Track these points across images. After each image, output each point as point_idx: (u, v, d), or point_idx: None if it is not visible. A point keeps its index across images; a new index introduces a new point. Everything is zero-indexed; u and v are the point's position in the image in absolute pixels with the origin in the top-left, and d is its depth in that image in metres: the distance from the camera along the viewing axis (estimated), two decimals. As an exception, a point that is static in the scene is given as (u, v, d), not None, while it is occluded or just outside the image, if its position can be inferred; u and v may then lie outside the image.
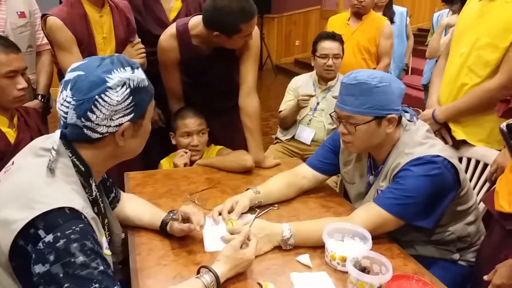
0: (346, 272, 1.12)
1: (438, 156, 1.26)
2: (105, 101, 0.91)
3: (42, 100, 2.09)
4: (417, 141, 1.31)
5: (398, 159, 1.31)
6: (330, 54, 2.40)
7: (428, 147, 1.29)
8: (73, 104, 0.91)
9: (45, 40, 2.08)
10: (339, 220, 1.30)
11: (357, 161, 1.49)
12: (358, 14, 2.83)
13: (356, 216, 1.28)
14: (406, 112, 1.34)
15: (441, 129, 1.83)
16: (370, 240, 1.18)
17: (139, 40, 2.03)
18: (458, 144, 1.79)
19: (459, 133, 1.78)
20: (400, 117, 1.33)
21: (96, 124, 0.92)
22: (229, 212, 1.39)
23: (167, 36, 1.85)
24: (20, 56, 1.54)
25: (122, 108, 0.93)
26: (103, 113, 0.91)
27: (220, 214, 1.39)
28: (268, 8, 7.61)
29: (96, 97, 0.90)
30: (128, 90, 0.93)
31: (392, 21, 3.29)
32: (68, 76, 0.93)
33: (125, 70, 0.94)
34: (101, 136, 0.94)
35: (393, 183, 1.29)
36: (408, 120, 1.35)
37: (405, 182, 1.25)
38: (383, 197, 1.28)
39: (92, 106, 0.90)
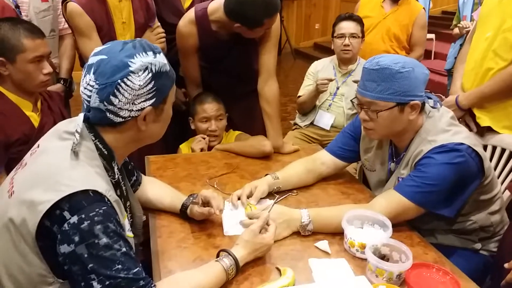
0: (365, 259, 1.12)
1: (462, 144, 1.23)
2: (127, 85, 0.91)
3: (64, 84, 2.13)
4: (440, 128, 1.28)
5: (420, 146, 1.28)
6: (346, 33, 2.36)
7: (452, 134, 1.26)
8: (96, 88, 0.92)
9: (67, 25, 2.10)
10: (359, 207, 1.29)
11: (378, 148, 1.47)
12: None
13: (376, 203, 1.27)
14: (430, 98, 1.31)
15: (465, 115, 1.79)
16: (391, 228, 1.17)
17: (159, 24, 2.02)
18: (483, 131, 1.74)
19: (483, 119, 1.73)
20: (423, 104, 1.30)
21: (119, 108, 0.93)
22: (248, 197, 1.39)
23: (186, 22, 1.83)
24: (45, 41, 1.56)
25: (144, 92, 0.94)
26: (126, 97, 0.92)
27: (239, 198, 1.39)
28: (287, -9, 7.48)
29: (119, 81, 0.91)
30: (150, 74, 0.93)
31: None
32: (91, 60, 0.94)
33: (147, 54, 0.94)
34: (123, 120, 0.95)
35: (415, 170, 1.27)
36: (432, 107, 1.32)
37: (428, 170, 1.23)
38: (405, 184, 1.26)
39: (115, 90, 0.91)
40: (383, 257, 1.12)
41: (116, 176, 1.01)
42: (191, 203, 1.29)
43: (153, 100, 0.96)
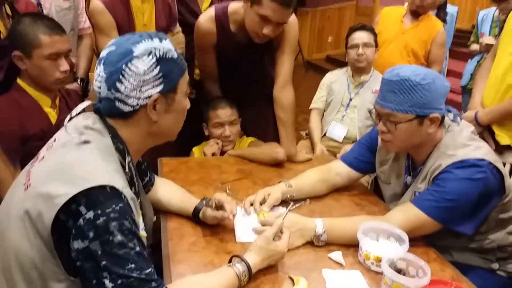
0: (380, 273, 1.09)
1: (483, 159, 1.20)
2: (132, 70, 0.91)
3: (81, 83, 2.14)
4: (460, 143, 1.26)
5: (439, 161, 1.26)
6: (360, 43, 2.35)
7: (473, 149, 1.23)
8: (104, 77, 0.92)
9: (87, 24, 2.12)
10: (374, 219, 1.26)
11: (394, 160, 1.45)
12: (416, 13, 2.62)
13: (392, 216, 1.25)
14: (450, 111, 1.29)
15: (484, 132, 1.76)
16: (407, 242, 1.15)
17: (180, 29, 2.03)
18: (502, 149, 1.71)
19: (503, 137, 1.71)
20: (443, 117, 1.28)
21: (126, 95, 0.92)
22: (261, 204, 1.37)
23: (206, 18, 1.82)
24: (65, 37, 1.55)
25: (150, 78, 0.92)
26: (131, 83, 0.91)
27: (252, 205, 1.38)
28: (302, 1, 7.50)
29: (123, 66, 0.91)
30: (154, 59, 0.92)
31: (444, 21, 3.13)
32: (103, 53, 0.95)
33: (152, 40, 0.94)
34: (132, 109, 0.94)
35: (433, 185, 1.24)
36: (452, 120, 1.30)
37: (447, 185, 1.20)
38: (422, 199, 1.23)
39: (120, 76, 0.91)
40: (399, 272, 1.09)
41: (130, 173, 0.99)
42: (204, 206, 1.27)
43: (161, 87, 0.94)
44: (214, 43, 1.86)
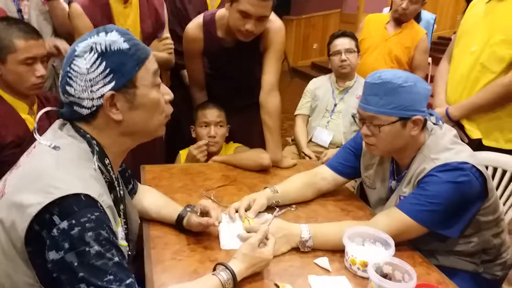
0: (366, 278, 1.08)
1: (466, 163, 1.21)
2: (75, 71, 0.87)
3: None
4: (443, 146, 1.26)
5: (423, 165, 1.26)
6: (342, 49, 2.37)
7: (455, 153, 1.24)
8: (60, 83, 0.90)
9: None
10: (360, 224, 1.25)
11: (379, 165, 1.45)
12: (399, 21, 2.67)
13: (378, 220, 1.24)
14: (431, 115, 1.30)
15: (454, 127, 1.81)
16: (393, 246, 1.14)
17: (168, 35, 2.01)
18: (474, 144, 1.76)
19: (474, 132, 1.80)
20: (425, 120, 1.28)
21: (78, 97, 0.88)
22: (246, 210, 1.35)
23: (194, 26, 1.84)
24: (40, 42, 1.51)
25: (98, 76, 0.87)
26: (79, 84, 0.87)
27: (236, 211, 1.35)
28: (287, 9, 7.58)
29: (68, 68, 0.88)
30: (96, 54, 0.86)
31: None
32: None
33: (98, 36, 0.88)
34: (90, 111, 0.90)
35: (417, 188, 1.24)
36: (434, 124, 1.31)
37: (431, 188, 1.20)
38: (407, 203, 1.23)
39: (67, 79, 0.88)
40: (385, 276, 1.08)
41: (111, 176, 0.96)
42: (189, 212, 1.25)
43: (113, 83, 0.87)
44: (201, 49, 1.87)
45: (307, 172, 1.59)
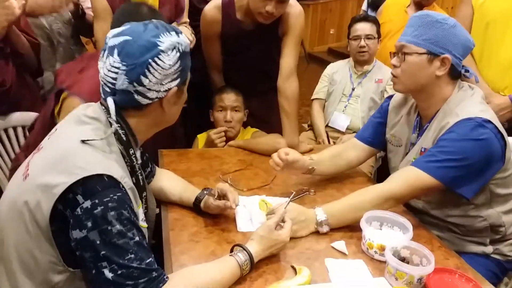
0: (383, 262, 1.08)
1: (489, 121, 1.18)
2: (158, 65, 0.91)
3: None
4: (470, 102, 1.25)
5: (446, 118, 1.24)
6: (362, 35, 2.33)
7: (480, 110, 1.22)
8: (124, 70, 0.90)
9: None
10: (374, 188, 1.25)
11: (405, 120, 1.43)
12: (420, 4, 2.55)
13: (392, 179, 1.24)
14: (467, 71, 1.27)
15: None
16: (411, 230, 1.13)
17: (187, 21, 2.00)
18: None
19: None
20: (458, 73, 1.27)
21: (148, 88, 0.92)
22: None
23: (212, 7, 1.82)
24: None
25: (172, 72, 0.94)
26: (155, 77, 0.92)
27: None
28: (304, -5, 7.45)
29: (150, 60, 0.90)
30: (178, 54, 0.94)
31: None
32: (112, 42, 0.92)
33: (171, 34, 0.94)
34: (150, 102, 0.94)
35: (436, 145, 1.22)
36: (466, 77, 1.28)
37: (450, 145, 1.18)
38: (423, 160, 1.22)
39: (146, 70, 0.90)
40: (402, 260, 1.08)
41: (134, 163, 0.98)
42: (207, 195, 1.26)
43: (178, 80, 0.97)
44: (219, 31, 1.85)
45: (337, 145, 1.62)
